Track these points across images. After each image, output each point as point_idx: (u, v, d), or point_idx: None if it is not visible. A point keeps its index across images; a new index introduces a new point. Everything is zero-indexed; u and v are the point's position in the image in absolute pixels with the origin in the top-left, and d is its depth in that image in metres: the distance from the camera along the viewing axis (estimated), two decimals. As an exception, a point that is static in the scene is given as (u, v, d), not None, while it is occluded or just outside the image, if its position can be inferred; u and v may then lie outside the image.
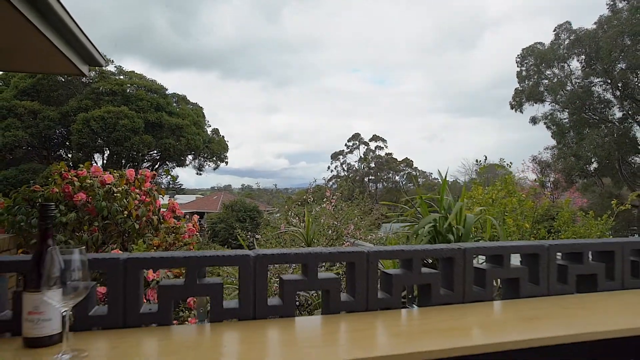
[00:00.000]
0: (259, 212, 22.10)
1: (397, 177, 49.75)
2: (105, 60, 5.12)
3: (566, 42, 23.45)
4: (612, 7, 21.23)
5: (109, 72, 21.85)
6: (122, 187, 3.96)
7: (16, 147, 19.43)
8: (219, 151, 24.66)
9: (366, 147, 50.97)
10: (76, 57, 4.44)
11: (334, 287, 1.48)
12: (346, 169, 51.02)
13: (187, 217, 4.62)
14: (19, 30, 3.54)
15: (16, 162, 19.48)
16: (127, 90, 20.90)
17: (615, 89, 21.92)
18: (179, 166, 24.45)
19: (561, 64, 23.97)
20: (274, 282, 3.78)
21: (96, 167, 4.18)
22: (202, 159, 24.79)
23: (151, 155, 22.70)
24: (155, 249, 3.78)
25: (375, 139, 50.91)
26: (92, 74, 20.58)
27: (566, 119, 24.20)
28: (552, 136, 24.61)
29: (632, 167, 22.81)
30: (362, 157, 50.34)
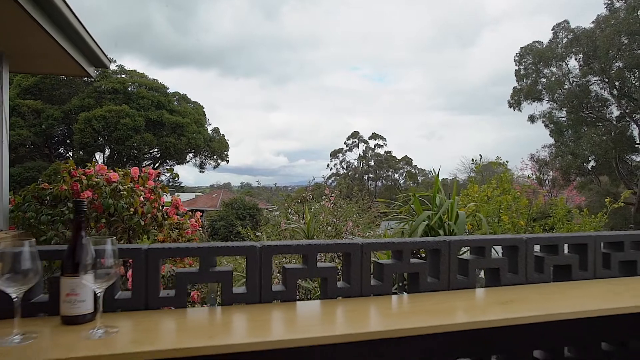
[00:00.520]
0: (258, 210, 22.27)
1: (396, 175, 49.88)
2: (109, 61, 5.28)
3: (564, 41, 23.57)
4: (610, 7, 21.37)
5: (110, 70, 21.94)
6: (127, 185, 4.11)
7: (20, 145, 19.60)
8: (220, 150, 24.80)
9: (365, 145, 51.09)
10: (84, 59, 4.60)
11: (331, 275, 1.66)
12: (345, 167, 51.13)
13: (190, 214, 4.78)
14: (32, 35, 3.71)
15: (19, 160, 19.61)
16: (129, 88, 21.02)
17: (612, 88, 22.07)
18: (179, 164, 24.61)
19: (559, 63, 24.10)
20: (275, 275, 3.94)
21: (102, 165, 4.32)
22: (203, 157, 24.93)
23: (152, 153, 22.84)
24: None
25: (374, 136, 51.02)
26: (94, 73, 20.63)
27: (564, 117, 24.36)
28: (550, 134, 24.78)
29: (629, 166, 22.99)
30: (362, 155, 50.45)
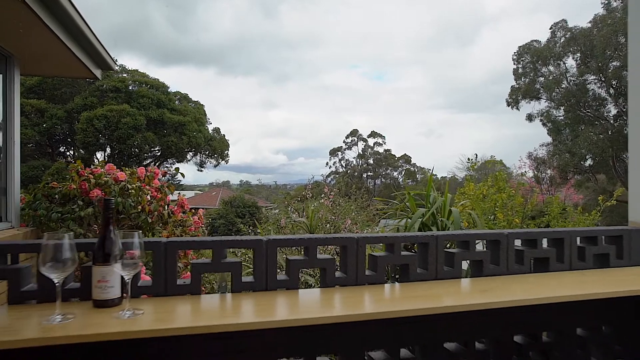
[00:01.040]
0: (257, 208, 22.47)
1: (395, 173, 50.08)
2: (115, 63, 5.46)
3: (562, 40, 23.75)
4: (607, 6, 21.56)
5: (112, 70, 22.01)
6: (135, 184, 4.28)
7: (24, 144, 19.77)
8: (220, 149, 24.96)
9: (364, 143, 51.28)
10: (91, 62, 4.78)
11: (329, 265, 1.84)
12: (344, 165, 51.31)
13: (193, 211, 4.96)
14: (43, 39, 3.88)
15: (23, 160, 19.70)
16: (130, 87, 21.16)
17: (609, 87, 22.27)
18: (178, 162, 24.77)
19: (557, 62, 24.28)
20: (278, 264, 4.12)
21: (111, 165, 4.49)
22: (203, 156, 25.08)
23: (152, 152, 22.99)
24: None
25: (373, 135, 51.21)
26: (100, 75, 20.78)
27: (562, 116, 24.56)
28: (547, 133, 24.98)
29: (626, 164, 23.18)
30: (361, 153, 50.63)
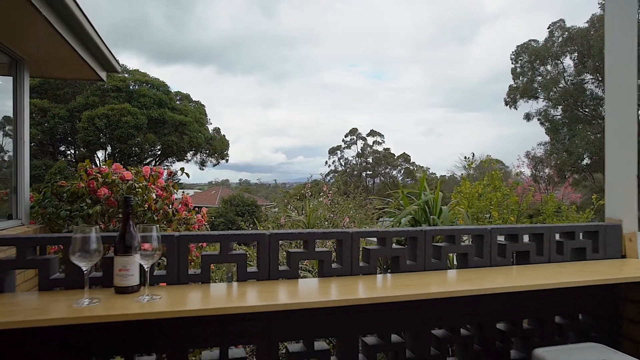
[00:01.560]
0: (257, 207, 22.66)
1: (394, 172, 50.24)
2: (119, 65, 5.62)
3: (559, 40, 23.94)
4: (604, 6, 21.69)
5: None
6: (142, 183, 4.45)
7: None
8: (220, 148, 25.12)
9: (364, 142, 51.41)
10: (97, 65, 4.95)
11: (326, 257, 2.01)
12: (343, 164, 51.46)
13: (196, 209, 5.13)
14: (52, 43, 4.04)
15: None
16: (131, 86, 21.30)
17: (606, 86, 22.42)
18: (179, 161, 24.94)
19: (555, 61, 24.46)
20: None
21: (118, 165, 4.66)
22: (204, 155, 25.24)
23: (153, 151, 23.14)
24: None
25: (372, 133, 51.32)
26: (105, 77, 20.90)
27: (559, 115, 24.75)
28: (545, 132, 25.18)
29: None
30: (360, 152, 50.79)
